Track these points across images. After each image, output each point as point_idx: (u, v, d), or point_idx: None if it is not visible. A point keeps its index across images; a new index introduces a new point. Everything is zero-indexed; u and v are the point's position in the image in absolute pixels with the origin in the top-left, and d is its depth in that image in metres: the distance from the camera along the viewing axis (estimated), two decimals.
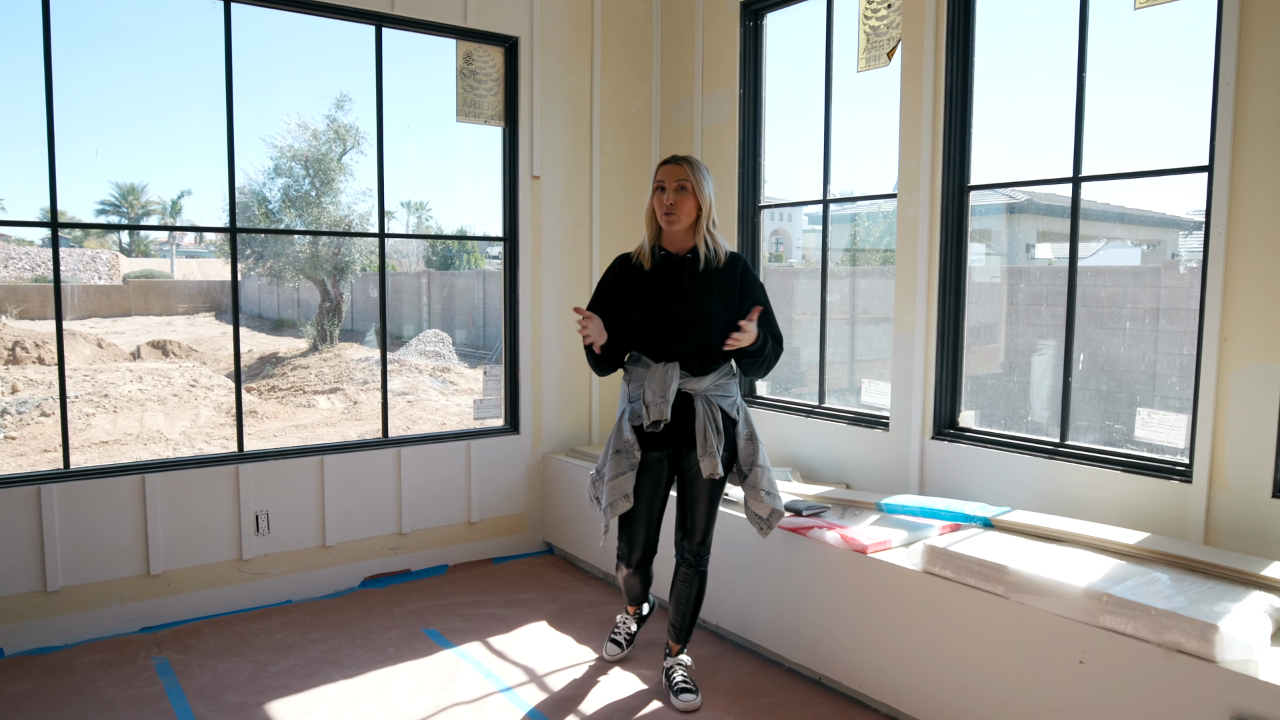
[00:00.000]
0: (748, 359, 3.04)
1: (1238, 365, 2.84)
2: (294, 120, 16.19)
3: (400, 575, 4.52)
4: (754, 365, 3.08)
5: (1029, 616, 2.59)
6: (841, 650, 3.18)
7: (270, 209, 15.78)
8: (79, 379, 12.28)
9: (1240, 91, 2.80)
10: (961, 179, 3.67)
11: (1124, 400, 3.66)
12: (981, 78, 3.63)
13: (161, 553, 3.87)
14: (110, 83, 20.74)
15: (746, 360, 3.05)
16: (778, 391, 4.75)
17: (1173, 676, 2.27)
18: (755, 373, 3.13)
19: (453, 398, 13.10)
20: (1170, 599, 2.39)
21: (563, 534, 4.79)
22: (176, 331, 17.74)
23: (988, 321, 4.25)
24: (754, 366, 3.09)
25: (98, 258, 21.77)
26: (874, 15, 3.93)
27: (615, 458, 3.08)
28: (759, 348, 2.99)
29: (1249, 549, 2.82)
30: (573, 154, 4.92)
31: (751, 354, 3.00)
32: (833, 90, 4.18)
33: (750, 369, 3.10)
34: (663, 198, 3.01)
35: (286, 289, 18.72)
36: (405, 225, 19.91)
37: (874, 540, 3.10)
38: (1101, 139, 3.28)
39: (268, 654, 3.60)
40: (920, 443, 3.79)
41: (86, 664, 3.50)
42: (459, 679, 3.38)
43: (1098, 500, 3.21)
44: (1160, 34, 3.38)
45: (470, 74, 4.62)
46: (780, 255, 6.84)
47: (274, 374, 14.55)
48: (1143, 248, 4.52)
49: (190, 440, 10.67)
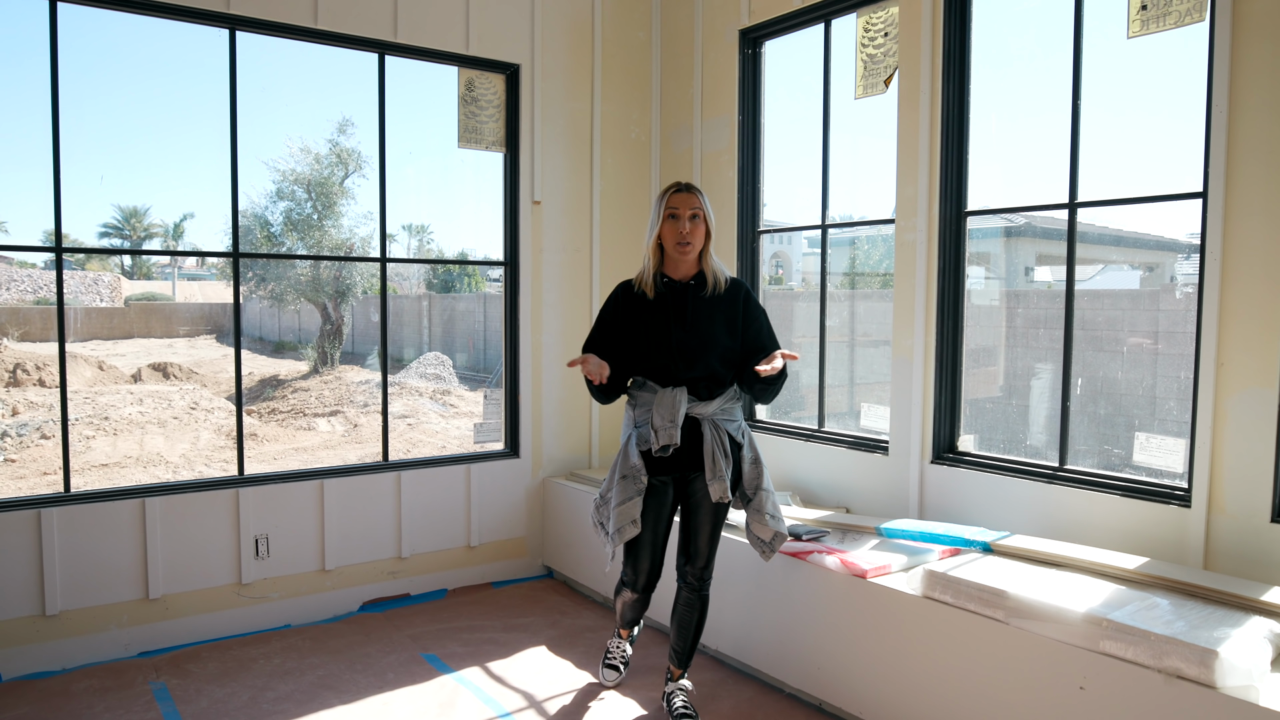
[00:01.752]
0: (762, 384, 3.04)
1: (1235, 390, 2.85)
2: (296, 144, 16.30)
3: (399, 599, 4.50)
4: (767, 391, 3.09)
5: (1029, 642, 2.59)
6: (841, 675, 3.16)
7: (272, 232, 15.84)
8: (79, 401, 12.28)
9: (1233, 118, 2.83)
10: (959, 204, 3.70)
11: (1122, 424, 3.66)
12: (977, 104, 3.67)
13: (161, 577, 3.87)
14: (114, 107, 20.88)
15: (761, 385, 3.05)
16: (778, 415, 4.76)
17: (1173, 702, 2.27)
18: (766, 397, 3.14)
19: (453, 421, 13.10)
20: (1170, 624, 2.39)
21: (563, 558, 4.78)
22: (177, 354, 17.76)
23: (987, 345, 4.26)
24: (766, 392, 3.10)
25: (99, 280, 21.86)
26: (871, 43, 3.98)
27: (622, 483, 3.07)
28: (779, 378, 3.03)
29: (1248, 574, 2.82)
30: (573, 179, 4.96)
31: (770, 380, 3.02)
32: (830, 116, 4.23)
33: (763, 394, 3.11)
34: (678, 225, 3.02)
35: (288, 312, 18.76)
36: (406, 248, 19.95)
37: (873, 565, 3.10)
38: (1097, 164, 3.31)
39: (266, 679, 3.58)
40: (919, 467, 3.79)
41: (84, 689, 3.48)
42: (458, 705, 3.37)
43: (1097, 525, 3.21)
44: (1154, 60, 3.42)
45: (472, 100, 4.67)
46: (780, 278, 6.88)
47: (274, 396, 14.56)
48: (1141, 271, 4.53)
49: (190, 463, 10.66)
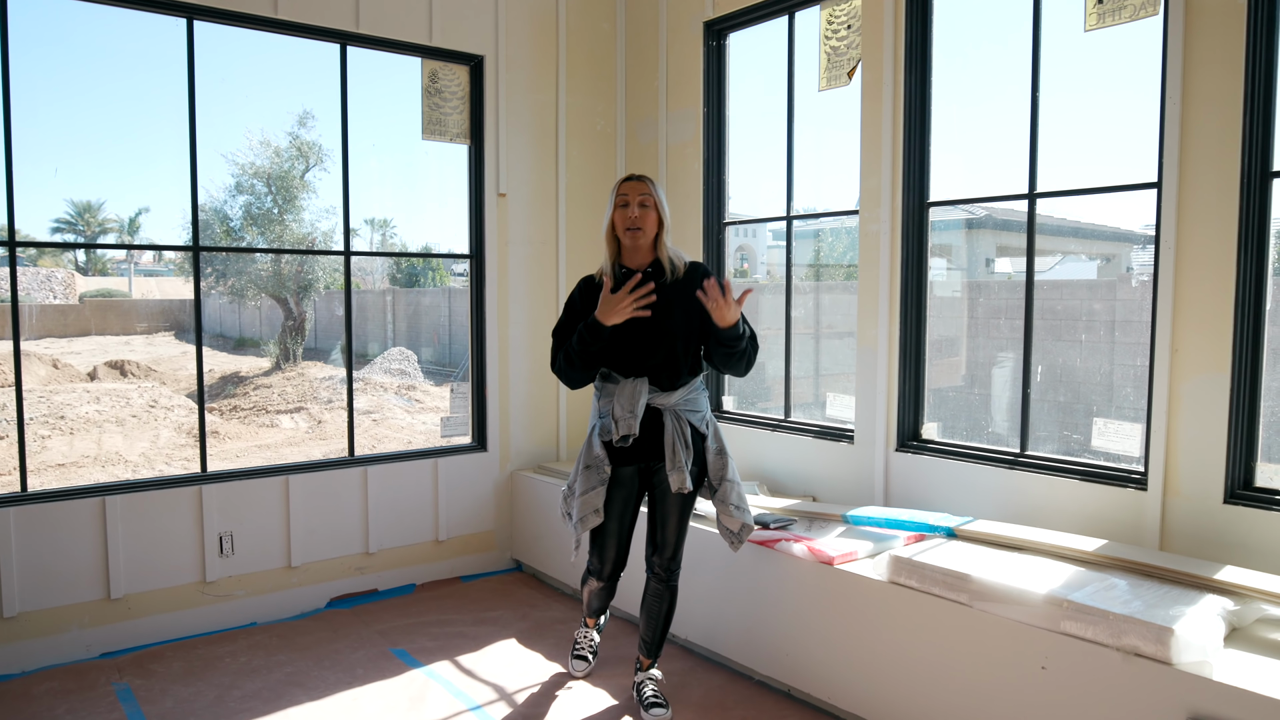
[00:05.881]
0: (725, 348, 2.94)
1: (1189, 376, 2.93)
2: (256, 137, 16.02)
3: (368, 595, 4.48)
4: (731, 357, 2.97)
5: (992, 624, 2.64)
6: (810, 661, 3.21)
7: (232, 226, 15.56)
8: (34, 400, 11.99)
9: (1185, 109, 2.90)
10: (921, 195, 3.75)
11: (1081, 411, 3.74)
12: (939, 96, 3.72)
13: (123, 576, 3.80)
14: (69, 99, 20.39)
15: (724, 350, 2.95)
16: (744, 406, 4.79)
17: (1131, 679, 2.33)
18: (733, 366, 3.01)
19: (419, 416, 12.99)
20: (1128, 604, 2.45)
21: (531, 551, 4.78)
22: (135, 351, 17.39)
23: (949, 335, 4.33)
24: (732, 358, 2.97)
25: (53, 276, 21.30)
26: (834, 35, 4.01)
27: (585, 473, 3.09)
28: (739, 333, 2.91)
29: (1202, 554, 2.90)
30: (539, 172, 4.94)
31: (731, 339, 2.92)
32: (795, 109, 4.26)
33: (728, 360, 2.99)
34: (627, 213, 3.00)
35: (249, 307, 18.46)
36: (369, 243, 19.72)
37: (840, 552, 3.13)
38: (1056, 156, 3.37)
39: (232, 677, 3.54)
40: (884, 455, 3.84)
41: (45, 691, 3.42)
42: (428, 699, 3.36)
43: (1057, 509, 3.28)
44: (1112, 54, 3.49)
45: (436, 92, 4.63)
46: (745, 271, 6.90)
47: (236, 393, 14.32)
48: (1098, 262, 4.62)
49: (150, 462, 10.47)
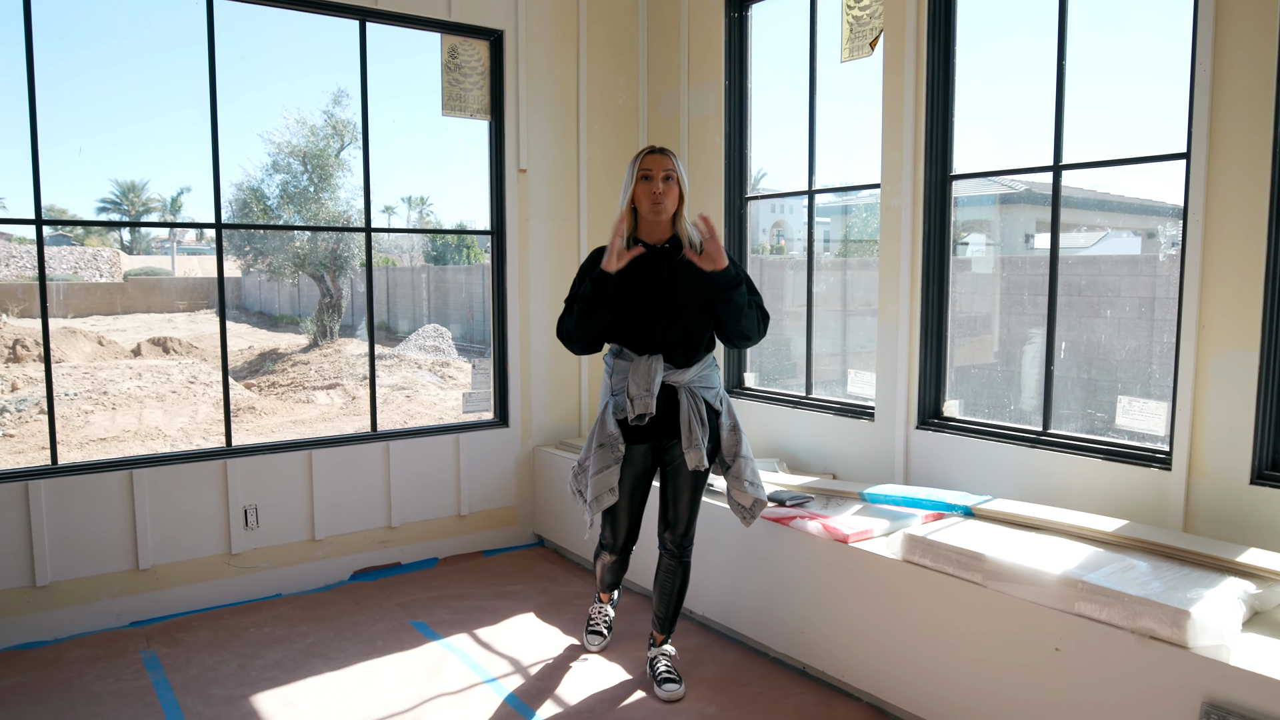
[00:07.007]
0: (720, 303, 2.89)
1: (1216, 352, 2.84)
2: (292, 116, 16.19)
3: (390, 568, 4.53)
4: (729, 311, 2.90)
5: (1006, 604, 2.60)
6: (823, 639, 3.19)
7: (269, 205, 15.77)
8: (78, 376, 12.30)
9: (1216, 79, 2.79)
10: (944, 169, 3.67)
11: (1106, 388, 3.65)
12: (963, 67, 3.63)
13: (150, 547, 3.89)
14: (105, 81, 20.76)
15: (722, 306, 2.89)
16: (766, 383, 4.75)
17: (1146, 662, 2.28)
18: (735, 324, 2.93)
19: (451, 392, 13.11)
20: (1145, 585, 2.39)
21: (553, 526, 4.81)
22: (177, 328, 17.75)
23: (984, 312, 4.24)
24: (730, 313, 2.90)
25: (99, 255, 21.79)
26: (857, 5, 3.92)
27: (599, 451, 3.06)
28: (731, 281, 2.86)
29: (1227, 535, 2.83)
30: (560, 147, 4.91)
31: (725, 287, 2.87)
32: (817, 81, 4.18)
33: (728, 318, 2.92)
34: (651, 187, 2.92)
35: (286, 285, 18.73)
36: (406, 220, 19.89)
37: (855, 530, 3.11)
38: (1085, 128, 3.27)
39: (255, 647, 3.62)
40: (905, 432, 3.79)
41: (75, 658, 3.52)
42: (444, 670, 3.40)
43: (1079, 488, 3.22)
44: (1142, 21, 3.37)
45: (456, 68, 4.62)
46: (782, 248, 6.68)
47: (274, 370, 14.57)
48: (1142, 237, 4.49)
49: (188, 436, 10.69)
